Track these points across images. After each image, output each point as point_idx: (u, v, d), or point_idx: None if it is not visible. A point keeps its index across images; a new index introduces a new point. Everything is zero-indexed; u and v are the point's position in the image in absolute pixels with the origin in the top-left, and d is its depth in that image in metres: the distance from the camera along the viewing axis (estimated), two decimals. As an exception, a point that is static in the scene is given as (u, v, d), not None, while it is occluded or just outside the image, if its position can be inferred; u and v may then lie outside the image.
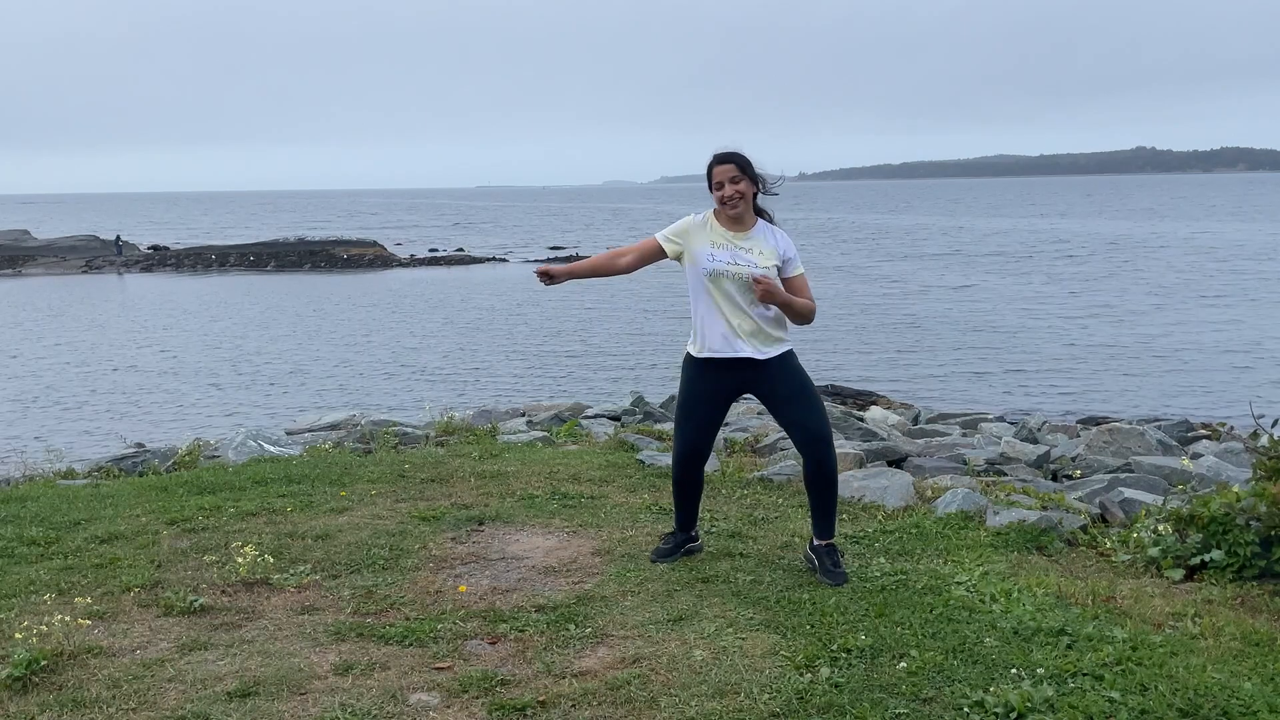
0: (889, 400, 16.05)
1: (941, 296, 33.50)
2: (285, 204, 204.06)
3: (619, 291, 35.76)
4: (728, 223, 4.39)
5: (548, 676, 3.49)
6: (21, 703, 3.32)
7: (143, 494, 6.08)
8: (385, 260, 51.20)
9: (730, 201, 4.33)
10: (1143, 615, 3.95)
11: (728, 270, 4.31)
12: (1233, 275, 38.21)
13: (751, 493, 6.01)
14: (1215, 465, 7.66)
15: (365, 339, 26.56)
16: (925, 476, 6.93)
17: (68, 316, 32.27)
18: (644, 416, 10.14)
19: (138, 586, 4.38)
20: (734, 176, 4.32)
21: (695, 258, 4.37)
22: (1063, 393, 18.40)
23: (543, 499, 5.84)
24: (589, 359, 22.97)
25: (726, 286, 4.32)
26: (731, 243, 4.35)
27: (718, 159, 4.35)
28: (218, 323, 30.12)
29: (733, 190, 4.32)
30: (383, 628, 3.91)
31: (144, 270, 49.89)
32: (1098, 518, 5.62)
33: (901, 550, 4.83)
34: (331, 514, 5.53)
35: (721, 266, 4.31)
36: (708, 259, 4.34)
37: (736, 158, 4.35)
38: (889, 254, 51.61)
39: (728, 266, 4.31)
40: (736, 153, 4.36)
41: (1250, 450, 5.11)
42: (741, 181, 4.33)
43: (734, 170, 4.33)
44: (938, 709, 3.18)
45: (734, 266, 4.31)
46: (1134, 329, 25.78)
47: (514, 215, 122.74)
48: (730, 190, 4.32)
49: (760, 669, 3.48)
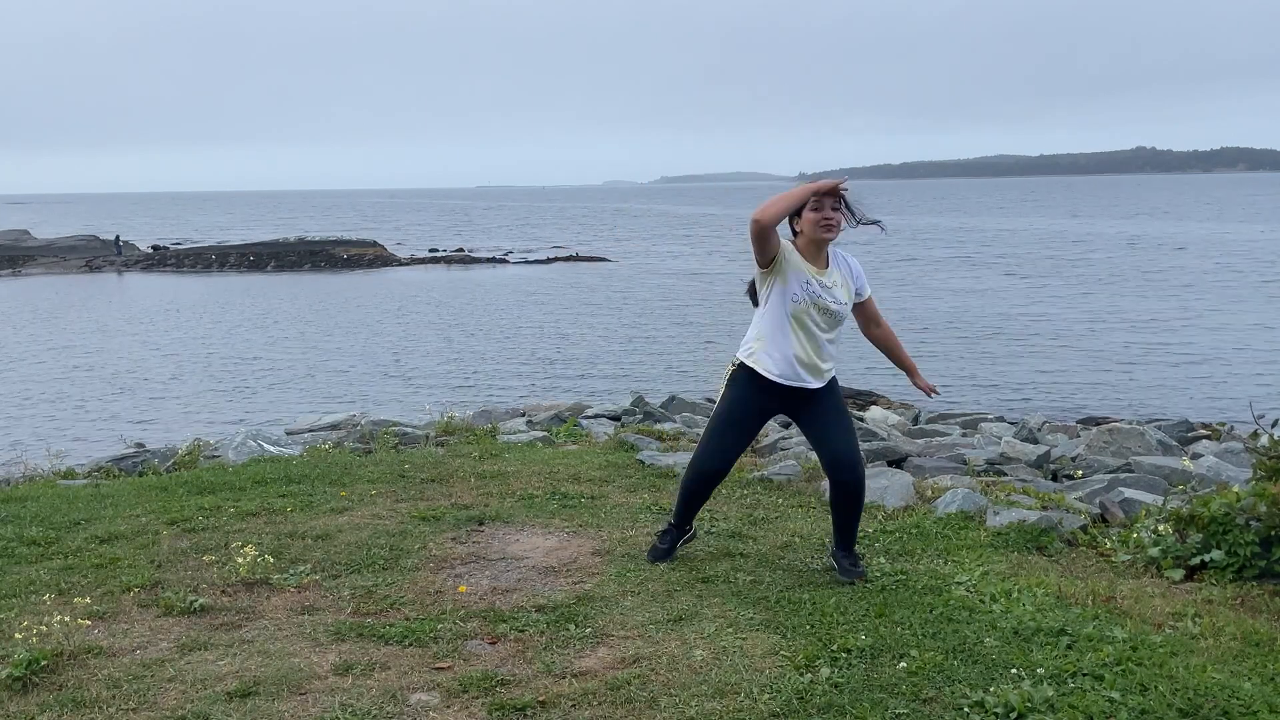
0: (889, 400, 16.05)
1: (943, 297, 33.50)
2: (285, 204, 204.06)
3: (619, 292, 35.78)
4: (810, 255, 4.28)
5: (548, 676, 3.49)
6: (21, 703, 3.32)
7: (143, 494, 6.08)
8: (385, 260, 51.20)
9: (830, 225, 4.19)
10: (1143, 615, 3.94)
11: (819, 301, 4.26)
12: (1235, 275, 38.21)
13: (751, 493, 6.01)
14: (1215, 465, 7.66)
15: (365, 339, 26.56)
16: (925, 476, 6.93)
17: (67, 316, 32.27)
18: (644, 416, 10.15)
19: (138, 586, 4.38)
20: (835, 204, 4.21)
21: (789, 282, 4.25)
22: (1063, 393, 18.40)
23: (543, 499, 5.84)
24: (589, 359, 22.97)
25: (810, 319, 4.28)
26: (816, 278, 4.28)
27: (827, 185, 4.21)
28: (218, 323, 30.12)
29: (837, 217, 4.21)
30: (383, 628, 3.91)
31: (144, 270, 49.89)
32: (1098, 518, 5.62)
33: (901, 550, 4.83)
34: (331, 514, 5.53)
35: (815, 297, 4.25)
36: (803, 287, 4.24)
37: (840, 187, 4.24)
38: (890, 254, 51.61)
39: (820, 298, 4.26)
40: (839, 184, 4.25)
41: (1250, 450, 5.11)
42: (840, 210, 4.23)
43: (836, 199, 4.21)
44: (938, 709, 3.18)
45: (824, 300, 4.27)
46: (1134, 329, 25.78)
47: (514, 215, 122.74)
48: (834, 216, 4.19)
49: (760, 669, 3.48)
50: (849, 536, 4.47)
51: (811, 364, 4.33)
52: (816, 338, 4.31)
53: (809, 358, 4.31)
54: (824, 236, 4.22)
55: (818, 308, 4.26)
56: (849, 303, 4.36)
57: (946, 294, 34.18)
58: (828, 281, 4.29)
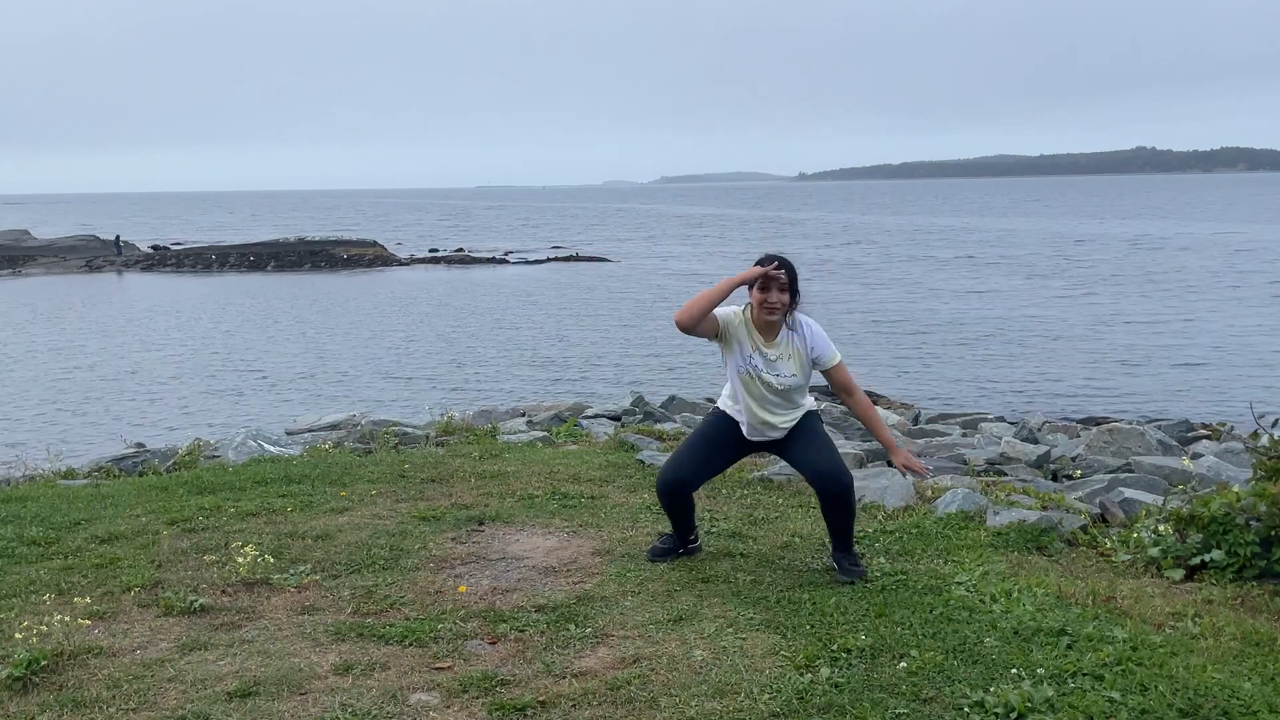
0: (889, 400, 16.06)
1: (944, 297, 33.49)
2: (285, 204, 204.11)
3: (619, 292, 35.78)
4: (760, 326, 4.40)
5: (548, 676, 3.49)
6: (21, 703, 3.32)
7: (143, 494, 6.08)
8: (385, 260, 51.20)
9: (771, 308, 4.32)
10: (1143, 615, 3.94)
11: (761, 376, 4.39)
12: (1237, 275, 38.20)
13: (751, 493, 6.01)
14: (1215, 465, 7.66)
15: (365, 339, 26.55)
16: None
17: (67, 317, 32.27)
18: (644, 416, 10.14)
19: (138, 586, 4.38)
20: (783, 285, 4.31)
21: (734, 353, 4.43)
22: (1063, 393, 18.40)
23: (543, 499, 5.84)
24: (589, 359, 22.97)
25: (758, 388, 4.42)
26: (761, 349, 4.40)
27: (778, 262, 4.30)
28: (218, 323, 30.11)
29: (779, 300, 4.31)
30: (383, 628, 3.91)
31: (144, 270, 49.89)
32: (1098, 518, 5.62)
33: (902, 550, 4.83)
34: (331, 514, 5.53)
35: (756, 371, 4.39)
36: (746, 360, 4.41)
37: (791, 269, 4.33)
38: (893, 255, 51.61)
39: (760, 373, 4.39)
40: (791, 264, 4.35)
41: (1250, 450, 5.11)
42: (786, 293, 4.33)
43: (784, 280, 4.31)
44: (938, 709, 3.18)
45: (766, 375, 4.39)
46: (1134, 329, 25.77)
47: (514, 215, 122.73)
48: (777, 299, 4.31)
49: (760, 669, 3.48)
50: (845, 539, 4.51)
51: (769, 424, 4.47)
52: (768, 401, 4.43)
53: (767, 418, 4.46)
54: (766, 319, 4.36)
55: (757, 380, 4.40)
56: (797, 374, 4.41)
57: (947, 294, 34.18)
58: (772, 355, 4.40)
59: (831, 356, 4.45)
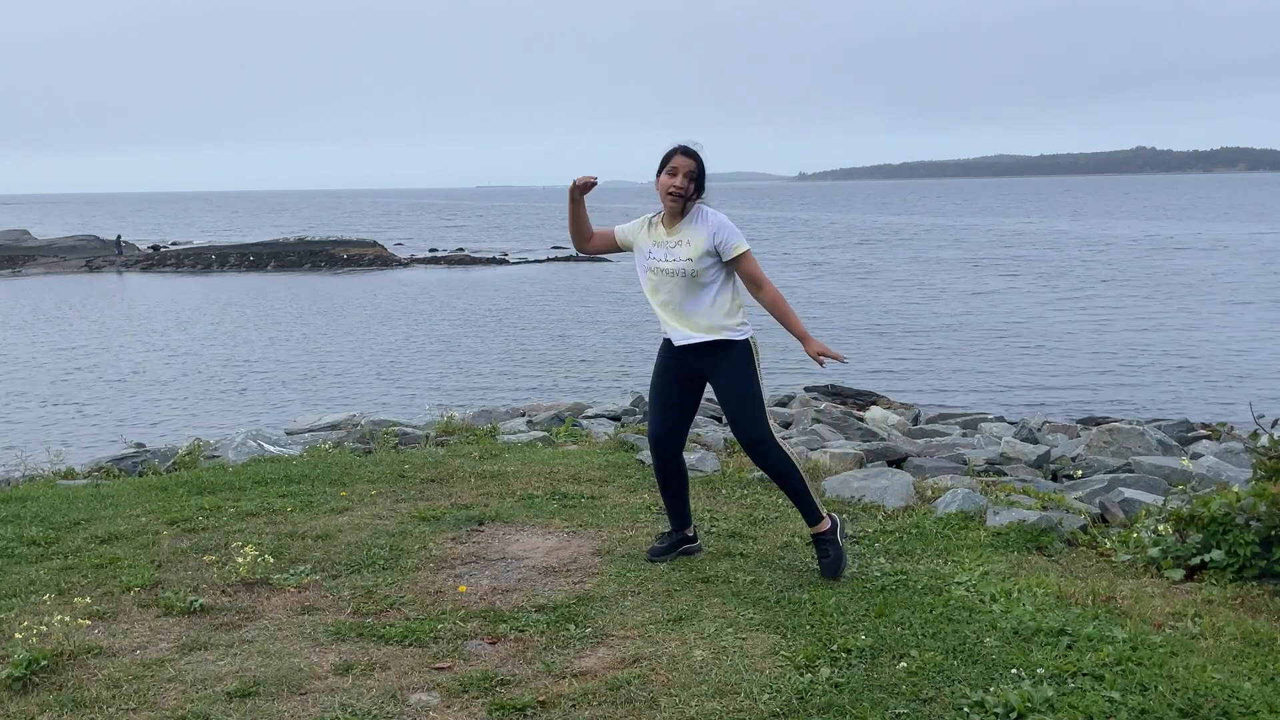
0: (889, 400, 16.05)
1: (944, 298, 33.49)
2: (285, 204, 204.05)
3: (619, 292, 35.78)
4: (667, 221, 4.44)
5: (548, 676, 3.49)
6: (21, 703, 3.32)
7: (143, 494, 6.08)
8: (385, 260, 51.21)
9: (673, 194, 4.34)
10: (1143, 615, 3.94)
11: (659, 267, 4.41)
12: (1238, 276, 38.20)
13: (751, 493, 6.01)
14: (1215, 465, 7.66)
15: (365, 339, 26.56)
16: (925, 476, 6.92)
17: (67, 317, 32.27)
18: (644, 416, 10.15)
19: (138, 586, 4.38)
20: (690, 172, 4.33)
21: (639, 260, 4.53)
22: (1063, 393, 18.40)
23: (543, 499, 5.84)
24: (589, 359, 22.98)
25: (660, 283, 4.42)
26: (655, 244, 4.44)
27: (684, 151, 4.35)
28: (218, 323, 30.12)
29: (683, 184, 4.32)
30: (383, 628, 3.91)
31: (144, 270, 49.90)
32: (1098, 518, 5.62)
33: (901, 550, 4.83)
34: (331, 514, 5.53)
35: (655, 264, 4.42)
36: (643, 260, 4.48)
37: (699, 158, 4.37)
38: (893, 255, 51.62)
39: (659, 264, 4.41)
40: (698, 154, 4.37)
41: (1250, 450, 5.11)
42: (692, 182, 4.34)
43: (693, 167, 4.34)
44: (938, 709, 3.18)
45: (663, 264, 4.39)
46: (1135, 329, 25.77)
47: (514, 215, 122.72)
48: (682, 183, 4.32)
49: (760, 669, 3.48)
50: (806, 511, 4.46)
51: (685, 324, 4.42)
52: (674, 295, 4.40)
53: (678, 320, 4.42)
54: (669, 206, 4.39)
55: (655, 272, 4.42)
56: (695, 259, 4.34)
57: (948, 294, 34.18)
58: (671, 241, 4.40)
59: (738, 245, 4.37)
